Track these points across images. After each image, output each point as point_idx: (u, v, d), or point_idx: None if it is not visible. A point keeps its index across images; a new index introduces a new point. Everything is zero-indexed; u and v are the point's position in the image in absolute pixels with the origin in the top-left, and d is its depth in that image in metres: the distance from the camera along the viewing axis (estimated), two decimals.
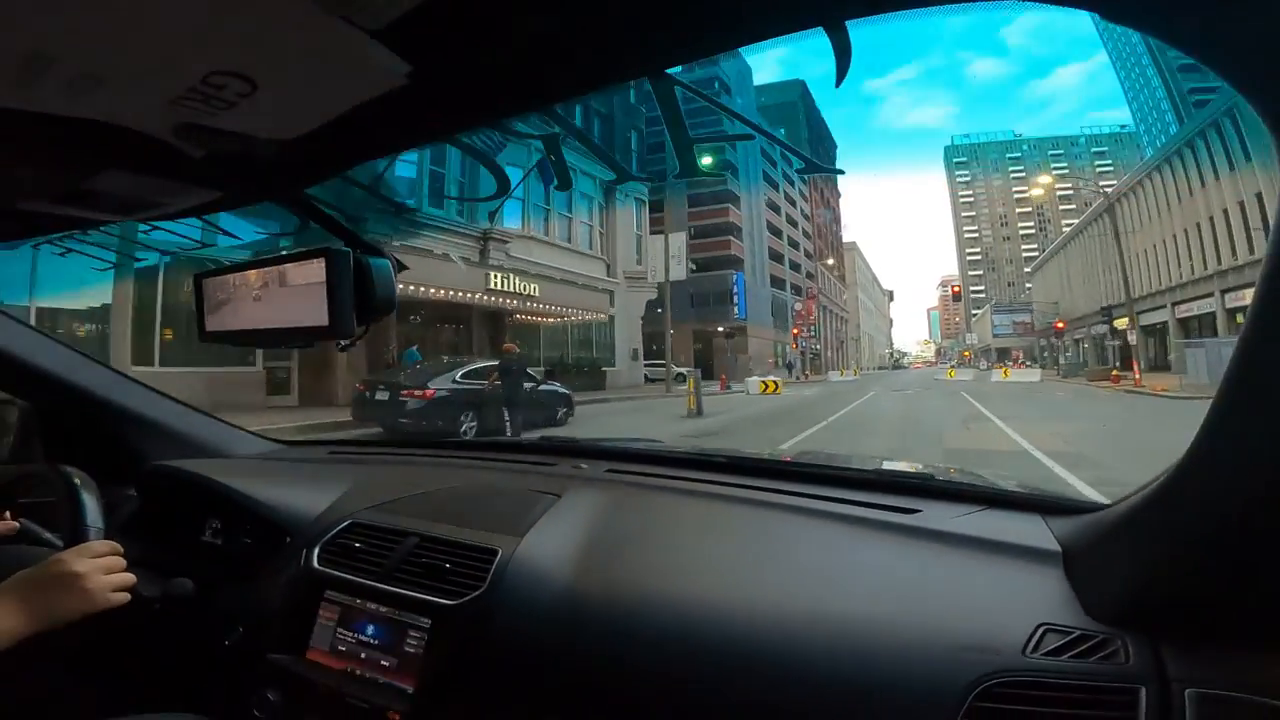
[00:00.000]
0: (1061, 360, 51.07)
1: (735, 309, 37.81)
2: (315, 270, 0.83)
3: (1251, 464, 0.61)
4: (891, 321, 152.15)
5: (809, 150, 67.56)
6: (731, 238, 41.28)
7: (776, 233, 52.79)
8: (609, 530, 1.18)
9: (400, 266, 0.91)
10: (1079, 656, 0.76)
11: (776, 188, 54.01)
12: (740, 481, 1.38)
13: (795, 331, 41.95)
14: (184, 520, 1.50)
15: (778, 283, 50.89)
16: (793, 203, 59.19)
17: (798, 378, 38.23)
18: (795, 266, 57.63)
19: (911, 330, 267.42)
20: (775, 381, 21.94)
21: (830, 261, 60.29)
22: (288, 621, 1.19)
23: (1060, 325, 34.99)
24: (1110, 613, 0.80)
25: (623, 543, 1.14)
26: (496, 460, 1.76)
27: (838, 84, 0.59)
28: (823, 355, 62.27)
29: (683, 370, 35.95)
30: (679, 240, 27.11)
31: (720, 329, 40.42)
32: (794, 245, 57.88)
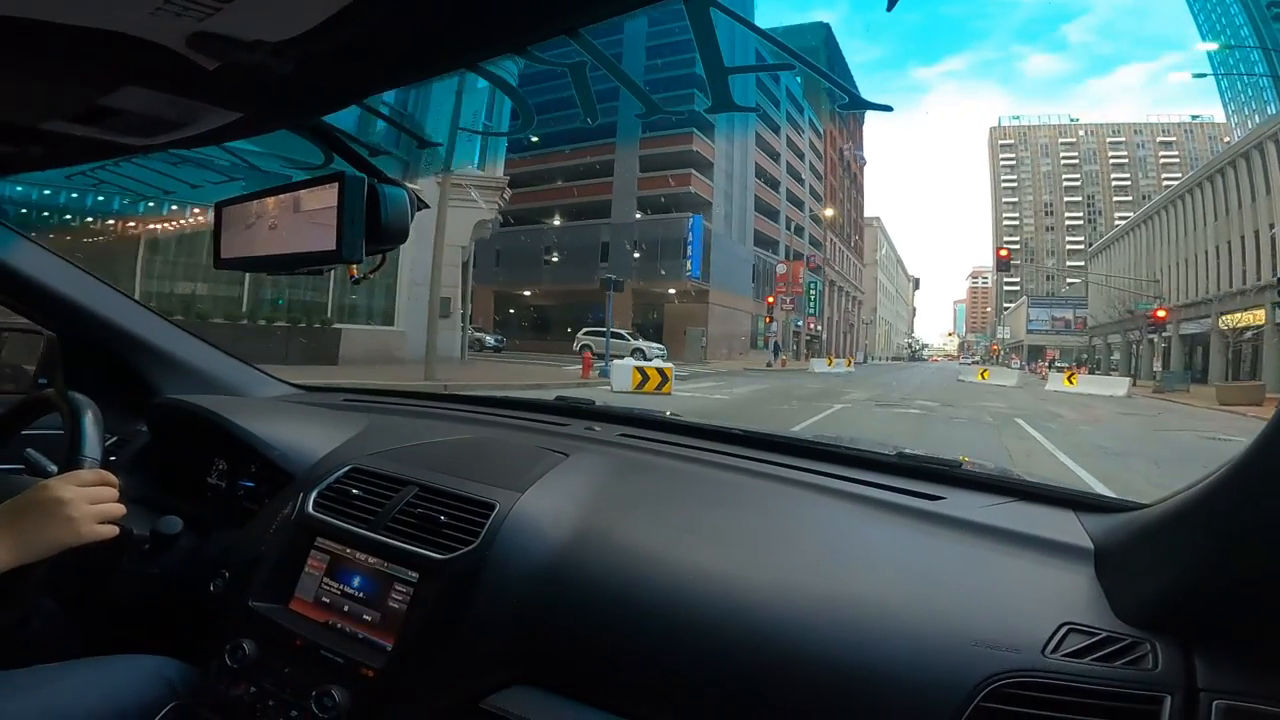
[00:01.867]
0: (1113, 361, 40.73)
1: (688, 264, 27.66)
2: (328, 195, 0.84)
3: None
4: (915, 310, 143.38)
5: (829, 103, 57.60)
6: (694, 172, 31.03)
7: (773, 185, 42.42)
8: (614, 493, 1.14)
9: (421, 204, 0.93)
10: (1103, 660, 0.71)
11: (777, 131, 43.49)
12: (758, 455, 1.34)
13: (770, 300, 31.88)
14: (191, 458, 1.49)
15: (767, 243, 40.57)
16: (799, 154, 48.59)
17: (769, 364, 28.20)
18: (798, 230, 47.25)
19: (936, 322, 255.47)
20: (662, 370, 12.19)
21: (829, 212, 49.37)
22: (275, 569, 1.14)
23: (1161, 314, 24.38)
24: (1142, 616, 0.75)
25: (627, 507, 1.09)
26: (510, 416, 1.72)
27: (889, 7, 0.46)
28: (825, 338, 52.16)
29: (585, 341, 26.64)
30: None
31: (672, 291, 30.47)
32: (796, 204, 47.32)
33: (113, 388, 1.52)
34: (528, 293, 34.33)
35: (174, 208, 12.60)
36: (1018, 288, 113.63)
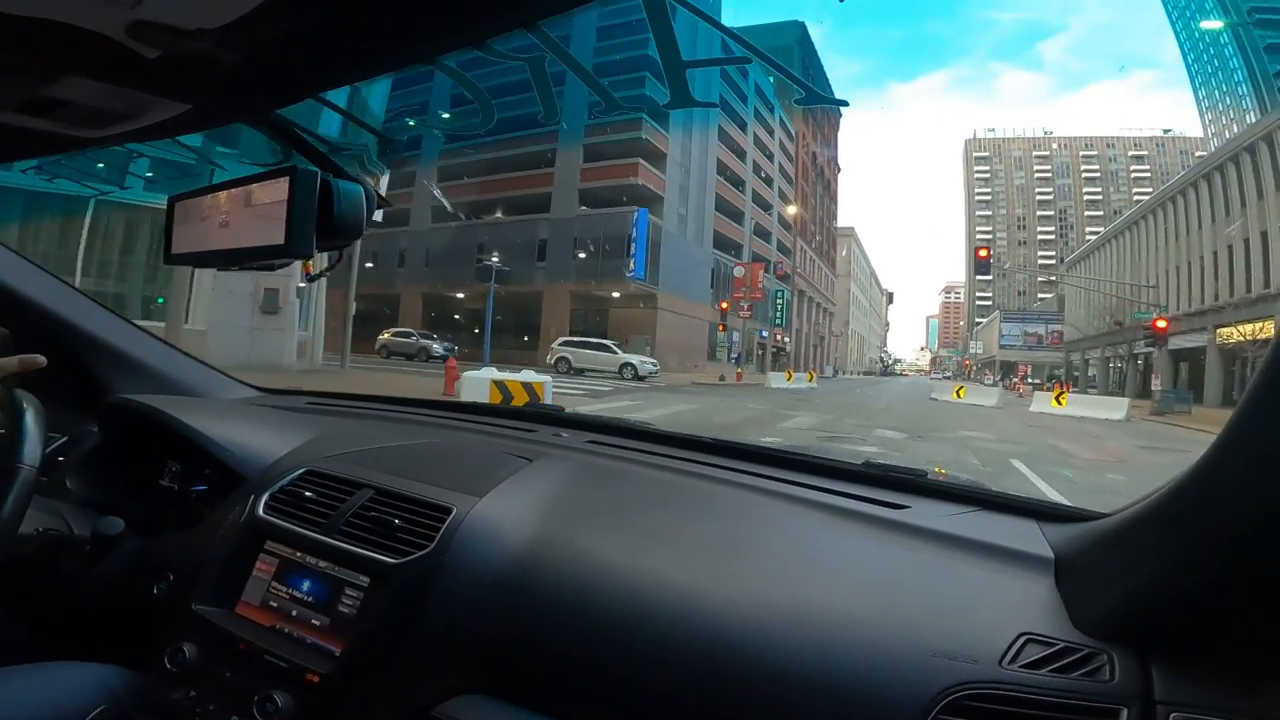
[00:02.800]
0: (1091, 378, 38.33)
1: (630, 264, 24.47)
2: (280, 189, 0.83)
3: (1259, 482, 0.58)
4: (889, 325, 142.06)
5: (804, 109, 55.22)
6: (642, 162, 27.86)
7: (737, 184, 39.53)
8: (578, 499, 1.12)
9: (382, 201, 0.93)
10: (1060, 671, 0.71)
11: (743, 127, 40.66)
12: (728, 464, 1.34)
13: (724, 306, 28.76)
14: (143, 460, 1.45)
15: (730, 246, 37.59)
16: (767, 154, 45.84)
17: (722, 378, 25.04)
18: (764, 235, 44.41)
19: (909, 337, 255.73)
20: (530, 385, 9.02)
21: (792, 210, 46.36)
22: (221, 572, 1.11)
23: (1162, 325, 21.44)
24: (1100, 626, 0.75)
25: (591, 514, 1.08)
26: (476, 422, 1.69)
27: None
28: (793, 350, 49.30)
29: (563, 353, 23.42)
30: None
31: (616, 294, 27.22)
32: (764, 206, 44.52)
33: (64, 386, 1.52)
34: (460, 295, 30.89)
35: None
36: (990, 302, 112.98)
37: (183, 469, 1.41)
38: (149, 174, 13.30)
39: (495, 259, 18.44)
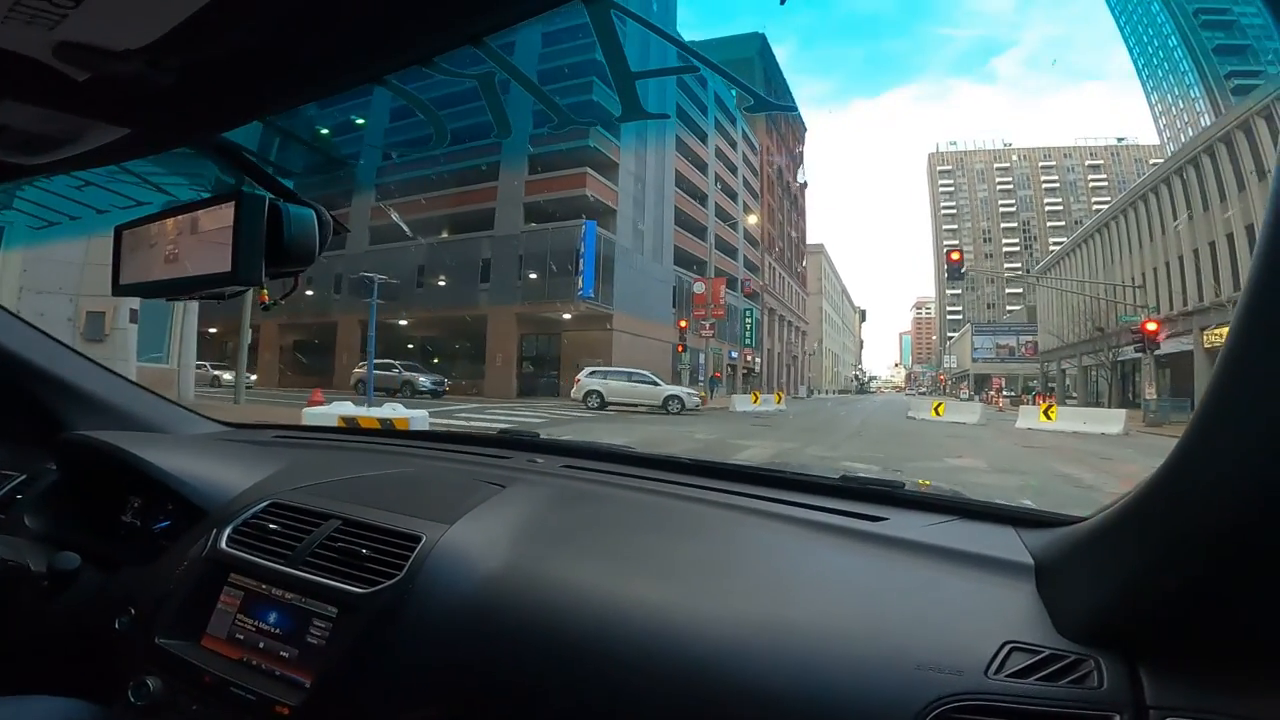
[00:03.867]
0: (1068, 389, 37.01)
1: (579, 281, 22.45)
2: (226, 215, 0.81)
3: (1232, 478, 0.58)
4: (862, 343, 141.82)
5: (767, 122, 54.31)
6: (590, 171, 25.96)
7: (699, 198, 37.89)
8: (551, 523, 1.11)
9: (340, 227, 0.91)
10: (1047, 679, 0.70)
11: (704, 139, 39.17)
12: (703, 483, 1.33)
13: (683, 325, 26.81)
14: (104, 496, 1.43)
15: (693, 263, 35.77)
16: (731, 168, 44.40)
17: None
18: (730, 251, 42.75)
19: (883, 354, 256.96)
20: (388, 421, 6.73)
21: (753, 219, 44.54)
22: (185, 606, 1.11)
23: (1153, 327, 19.54)
24: (1084, 631, 0.74)
25: (565, 537, 1.06)
26: (448, 451, 1.70)
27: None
28: (764, 371, 47.47)
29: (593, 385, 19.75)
30: None
31: (567, 316, 25.13)
32: (729, 222, 42.94)
33: (21, 423, 1.54)
34: (404, 321, 28.53)
35: None
36: (960, 316, 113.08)
37: (144, 505, 1.38)
38: None
39: (381, 276, 16.53)
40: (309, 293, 24.73)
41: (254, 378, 22.94)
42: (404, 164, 27.74)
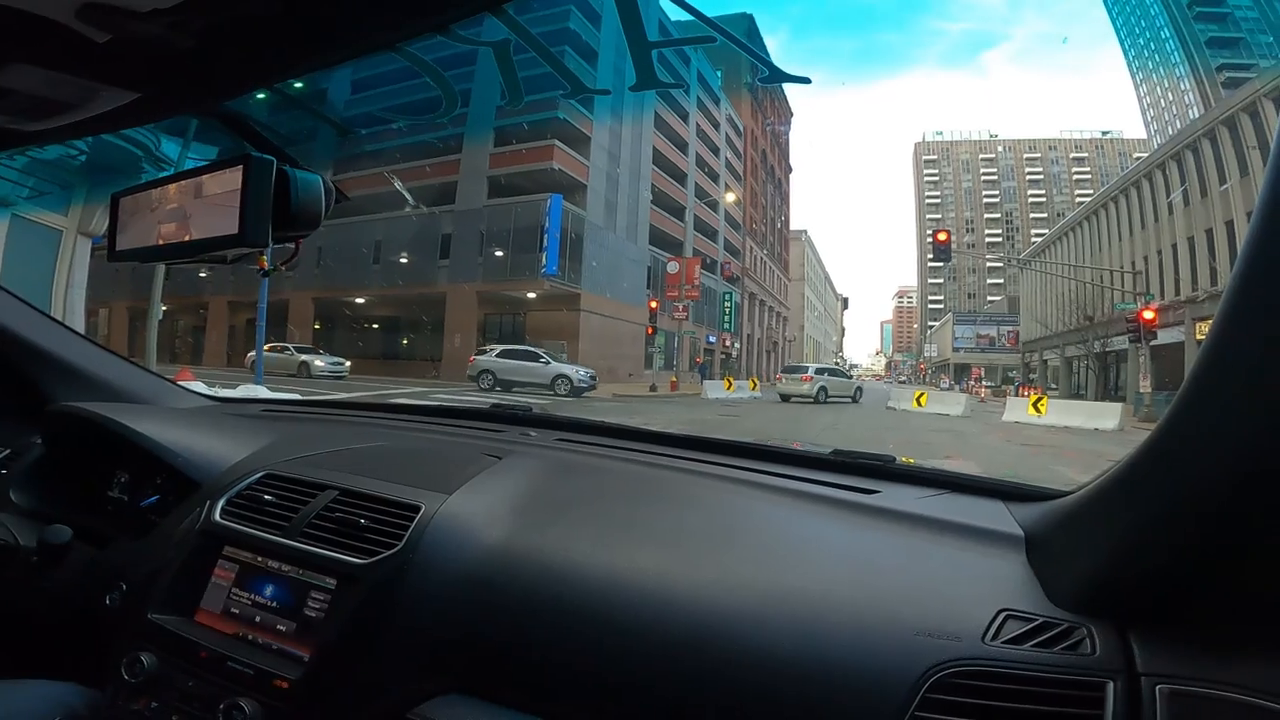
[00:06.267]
0: (1050, 380, 36.31)
1: (542, 258, 21.01)
2: (233, 179, 0.82)
3: (1214, 450, 0.59)
4: (844, 330, 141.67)
5: (752, 103, 52.84)
6: (558, 144, 24.42)
7: (679, 178, 36.43)
8: (550, 494, 1.11)
9: (341, 196, 0.93)
10: (1042, 645, 0.73)
11: (685, 118, 37.67)
12: (698, 456, 1.34)
13: (653, 305, 25.44)
14: (90, 470, 1.42)
15: (671, 244, 34.36)
16: (713, 148, 42.91)
17: (653, 386, 21.73)
18: (710, 234, 41.37)
19: (864, 342, 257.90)
20: None
21: (731, 197, 42.88)
22: (177, 580, 1.09)
23: (1149, 315, 18.46)
24: (1075, 600, 0.77)
25: (564, 507, 1.07)
26: (442, 424, 1.68)
27: None
28: (744, 356, 46.36)
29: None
30: None
31: (531, 295, 23.72)
32: (710, 204, 41.52)
33: (4, 396, 1.51)
34: (360, 300, 26.93)
35: None
36: (941, 305, 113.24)
37: (132, 479, 1.37)
38: None
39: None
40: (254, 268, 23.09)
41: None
42: (365, 136, 26.28)
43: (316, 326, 27.55)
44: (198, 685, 0.96)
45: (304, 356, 20.69)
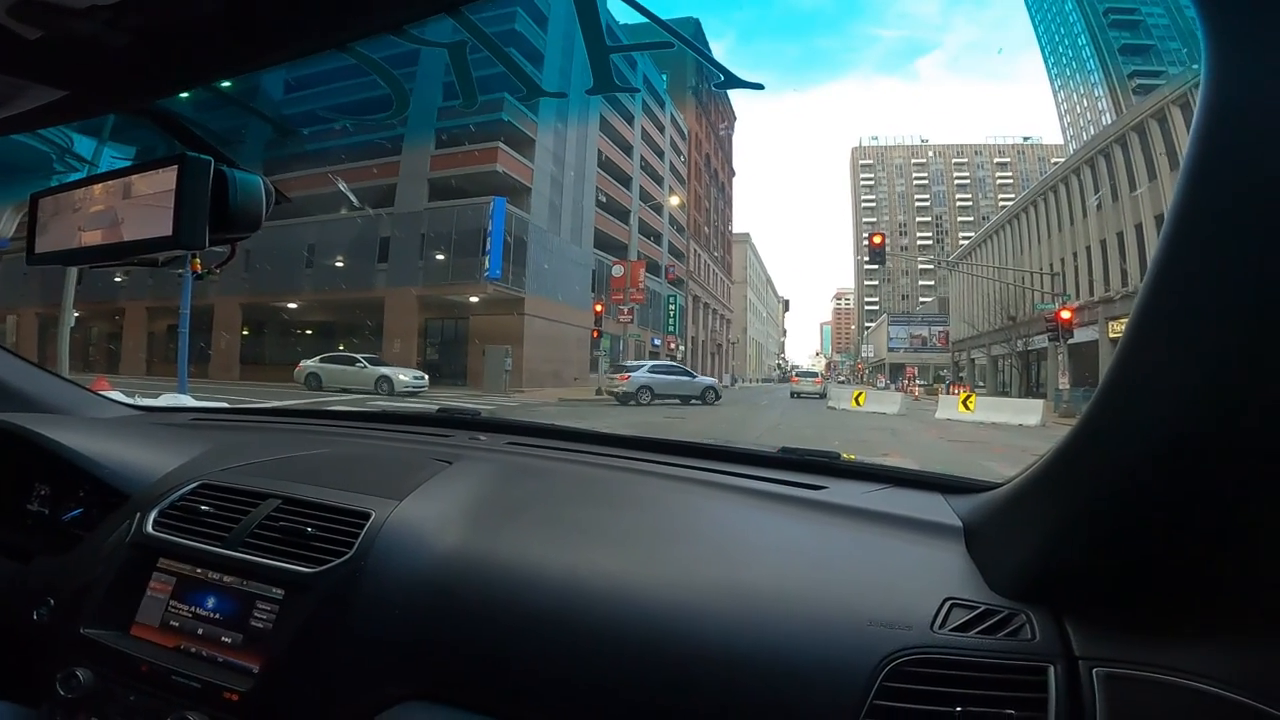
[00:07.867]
0: (977, 379, 38.04)
1: (485, 261, 20.69)
2: (167, 179, 0.79)
3: (1127, 445, 0.62)
4: (785, 332, 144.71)
5: (697, 107, 53.37)
6: (502, 146, 24.10)
7: (624, 181, 36.47)
8: (503, 497, 1.11)
9: (281, 197, 0.90)
10: (986, 632, 0.75)
11: (630, 121, 37.73)
12: (647, 456, 1.34)
13: (599, 309, 25.39)
14: (6, 484, 1.35)
15: (615, 248, 34.37)
16: (658, 152, 43.17)
17: (599, 390, 21.64)
18: (655, 237, 41.58)
19: (805, 343, 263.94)
20: None
21: (675, 200, 43.26)
22: (109, 594, 1.06)
23: (1066, 315, 19.59)
24: (1012, 588, 0.79)
25: (518, 510, 1.06)
26: (387, 430, 1.65)
27: None
28: (688, 359, 46.76)
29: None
30: None
31: (474, 299, 23.32)
32: (655, 207, 41.74)
33: None
34: (292, 305, 25.86)
35: None
36: (877, 306, 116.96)
37: (54, 492, 1.31)
38: None
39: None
40: (178, 272, 21.88)
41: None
42: (303, 137, 25.30)
43: (245, 332, 26.33)
44: (140, 700, 0.94)
45: (383, 370, 18.28)
